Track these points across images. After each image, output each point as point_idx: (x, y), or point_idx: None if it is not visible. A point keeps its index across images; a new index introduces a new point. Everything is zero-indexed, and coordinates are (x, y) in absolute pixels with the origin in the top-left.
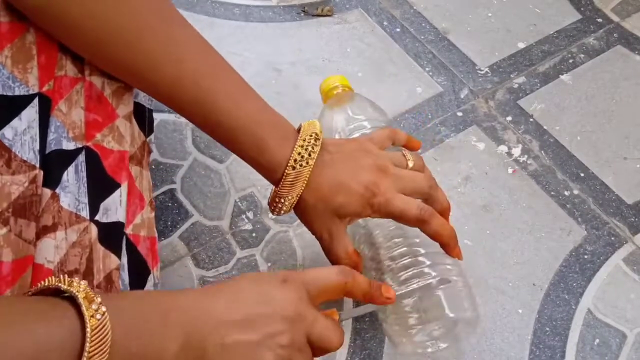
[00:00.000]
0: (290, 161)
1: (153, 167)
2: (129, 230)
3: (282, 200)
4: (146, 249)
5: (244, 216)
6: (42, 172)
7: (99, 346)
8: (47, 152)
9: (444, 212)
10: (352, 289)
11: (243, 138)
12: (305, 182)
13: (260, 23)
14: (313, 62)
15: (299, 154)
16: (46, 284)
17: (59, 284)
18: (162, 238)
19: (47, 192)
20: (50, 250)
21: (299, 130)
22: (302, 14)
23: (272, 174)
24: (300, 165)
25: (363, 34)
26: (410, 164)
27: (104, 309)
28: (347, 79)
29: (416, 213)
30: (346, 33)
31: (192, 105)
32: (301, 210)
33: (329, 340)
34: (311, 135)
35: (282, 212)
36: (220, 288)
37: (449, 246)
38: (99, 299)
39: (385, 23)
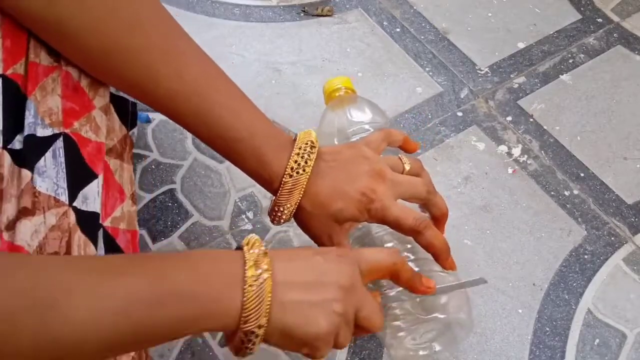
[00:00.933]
0: (287, 169)
1: (153, 167)
2: (107, 222)
3: (281, 209)
4: (126, 241)
5: (244, 216)
6: (5, 153)
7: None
8: (25, 134)
9: (442, 217)
10: (400, 271)
11: (242, 149)
12: (303, 189)
13: (260, 23)
14: (313, 62)
15: (296, 161)
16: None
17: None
18: (162, 238)
19: (28, 174)
20: (28, 233)
21: (295, 140)
22: (302, 14)
23: (271, 184)
24: (297, 173)
25: (363, 34)
26: (407, 168)
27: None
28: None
29: (411, 223)
30: (346, 33)
31: (193, 117)
32: (300, 217)
33: (373, 321)
34: (307, 144)
35: (282, 221)
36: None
37: (440, 258)
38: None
39: (385, 23)
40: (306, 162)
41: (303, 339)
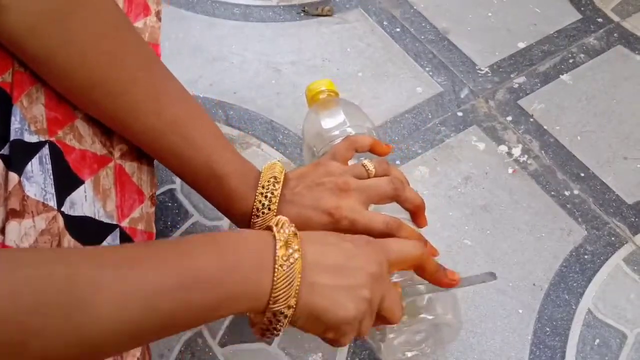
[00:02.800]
0: (253, 210)
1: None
2: (124, 223)
3: None
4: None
5: None
6: None
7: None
8: (11, 139)
9: (417, 210)
10: (425, 264)
11: (215, 188)
12: None
13: (260, 23)
14: (313, 62)
15: (260, 202)
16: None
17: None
18: (162, 238)
19: (15, 177)
20: (16, 234)
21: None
22: (302, 14)
23: (243, 223)
24: (263, 213)
25: (363, 34)
26: (372, 172)
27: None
28: (347, 79)
29: (381, 228)
30: (346, 33)
31: (171, 153)
32: None
33: (394, 313)
34: (269, 181)
35: None
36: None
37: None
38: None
39: (385, 23)
40: (270, 200)
41: (330, 323)
